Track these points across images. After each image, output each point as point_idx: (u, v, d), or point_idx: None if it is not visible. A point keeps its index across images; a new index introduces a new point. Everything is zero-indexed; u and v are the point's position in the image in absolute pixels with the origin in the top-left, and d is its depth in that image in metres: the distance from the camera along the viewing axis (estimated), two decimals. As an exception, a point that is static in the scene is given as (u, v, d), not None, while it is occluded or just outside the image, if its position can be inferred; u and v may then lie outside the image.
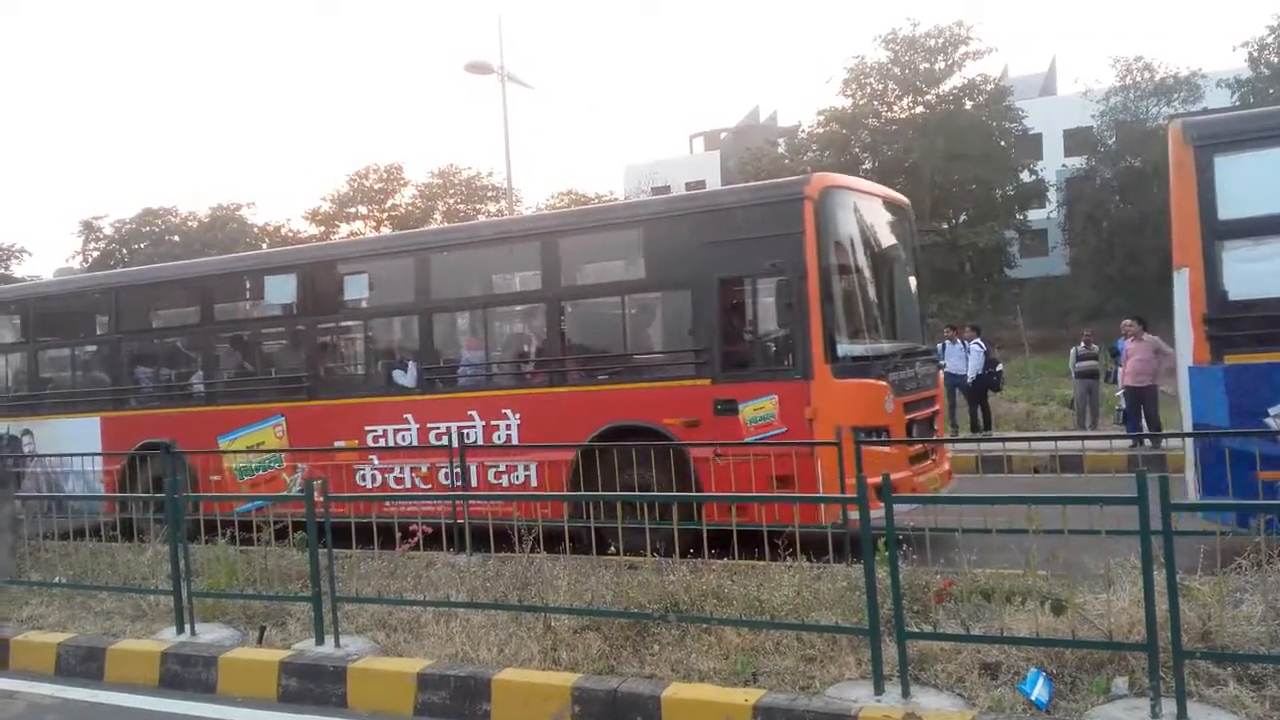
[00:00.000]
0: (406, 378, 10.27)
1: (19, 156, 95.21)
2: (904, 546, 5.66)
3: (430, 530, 7.98)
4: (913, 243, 10.28)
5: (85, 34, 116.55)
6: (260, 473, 10.64)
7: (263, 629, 6.47)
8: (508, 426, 9.51)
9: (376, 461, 10.03)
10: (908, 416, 8.80)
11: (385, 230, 43.36)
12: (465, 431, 9.36)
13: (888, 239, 9.71)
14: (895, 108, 36.04)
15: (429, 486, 9.60)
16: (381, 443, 10.06)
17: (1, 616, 7.41)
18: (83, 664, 6.53)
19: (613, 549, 7.03)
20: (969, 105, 34.89)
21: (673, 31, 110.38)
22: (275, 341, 11.95)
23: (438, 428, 9.73)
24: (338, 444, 10.19)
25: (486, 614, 6.17)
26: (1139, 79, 33.72)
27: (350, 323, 11.32)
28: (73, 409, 12.15)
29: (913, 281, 10.16)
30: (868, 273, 9.10)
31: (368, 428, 10.11)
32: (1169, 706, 4.22)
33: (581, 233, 10.05)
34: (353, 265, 10.91)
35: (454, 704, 5.36)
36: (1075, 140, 39.13)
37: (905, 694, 4.62)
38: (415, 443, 9.82)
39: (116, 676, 6.35)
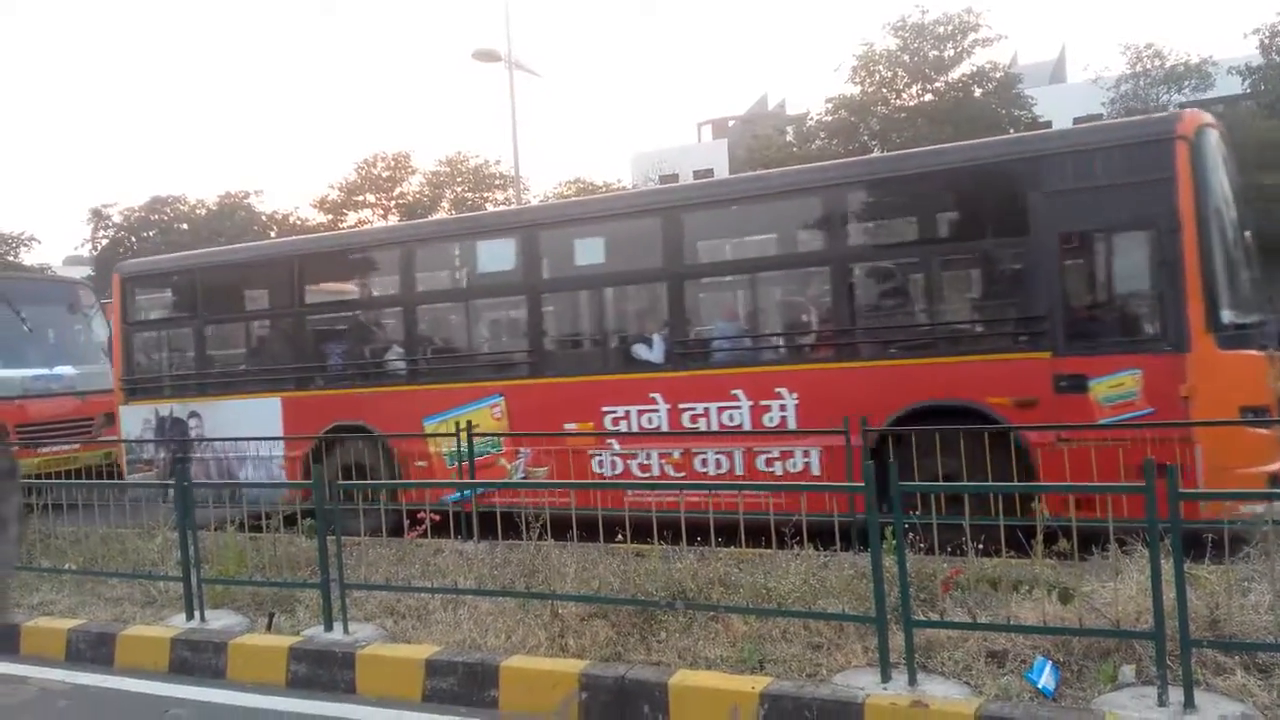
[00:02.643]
0: (652, 352, 9.26)
1: (28, 144, 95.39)
2: (911, 535, 5.67)
3: (438, 517, 8.00)
4: (1246, 194, 8.99)
5: (93, 22, 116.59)
6: (477, 458, 9.56)
7: (271, 615, 6.50)
8: (782, 407, 8.43)
9: (617, 446, 9.07)
10: None
11: (393, 219, 43.40)
12: (729, 413, 8.61)
13: (1242, 187, 8.48)
14: (904, 95, 35.85)
15: (682, 474, 8.72)
16: (622, 425, 9.07)
17: (12, 603, 7.45)
18: (93, 649, 6.57)
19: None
20: (978, 93, 34.67)
21: (681, 19, 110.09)
22: (492, 313, 10.94)
23: (693, 408, 8.78)
24: (568, 427, 9.22)
25: (494, 601, 6.20)
26: (1149, 66, 33.45)
27: (583, 291, 10.17)
28: (248, 389, 11.12)
29: (1249, 236, 8.84)
30: (1239, 226, 7.83)
31: (605, 409, 9.10)
32: (1176, 695, 4.22)
33: (878, 183, 8.82)
34: (586, 227, 9.85)
35: (462, 690, 5.38)
36: (1085, 128, 38.88)
37: (912, 682, 4.63)
38: (665, 425, 8.87)
39: (127, 662, 6.39)
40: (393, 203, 46.02)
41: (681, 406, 8.83)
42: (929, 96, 35.13)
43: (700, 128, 59.29)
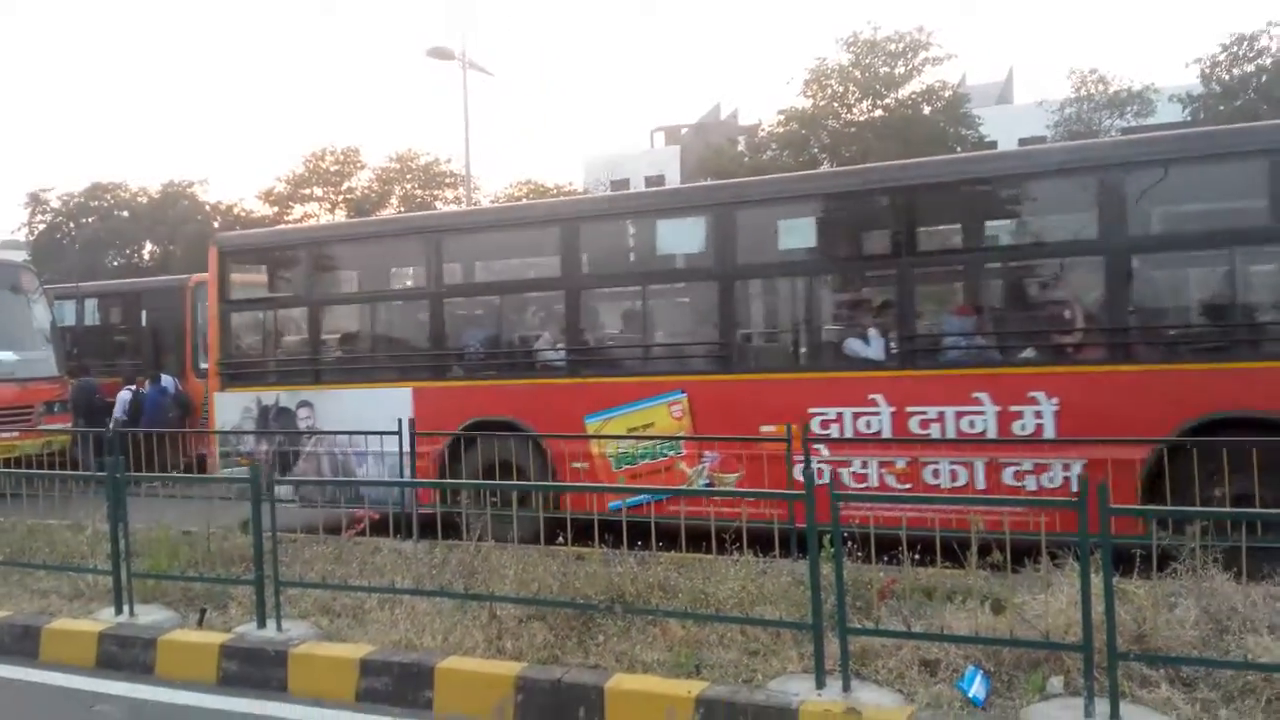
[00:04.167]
0: (870, 348, 8.36)
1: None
2: (849, 544, 5.72)
3: (378, 516, 7.93)
4: None
5: (34, 6, 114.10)
6: (646, 461, 8.80)
7: (203, 611, 6.39)
8: (1038, 414, 7.52)
9: (826, 453, 8.12)
10: None
11: (340, 214, 42.94)
12: (970, 419, 7.70)
13: None
14: (855, 110, 36.25)
15: (908, 486, 7.85)
16: (833, 429, 8.10)
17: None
18: (18, 642, 6.42)
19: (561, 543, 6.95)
20: (927, 111, 35.16)
21: (636, 25, 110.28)
22: (674, 300, 9.95)
23: (924, 413, 7.86)
24: (765, 430, 8.17)
25: (431, 601, 6.15)
26: (1093, 91, 34.19)
27: (787, 278, 9.19)
28: (372, 377, 10.13)
29: None
30: None
31: (813, 410, 8.13)
32: (1102, 706, 4.30)
33: (1166, 163, 7.63)
34: (791, 206, 8.84)
35: (396, 691, 5.33)
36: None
37: (846, 688, 4.67)
38: (887, 430, 7.93)
39: (52, 656, 6.25)
40: (340, 197, 45.56)
41: (911, 410, 7.91)
42: (879, 112, 35.53)
43: (653, 134, 59.50)
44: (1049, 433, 7.52)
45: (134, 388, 15.19)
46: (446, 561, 6.84)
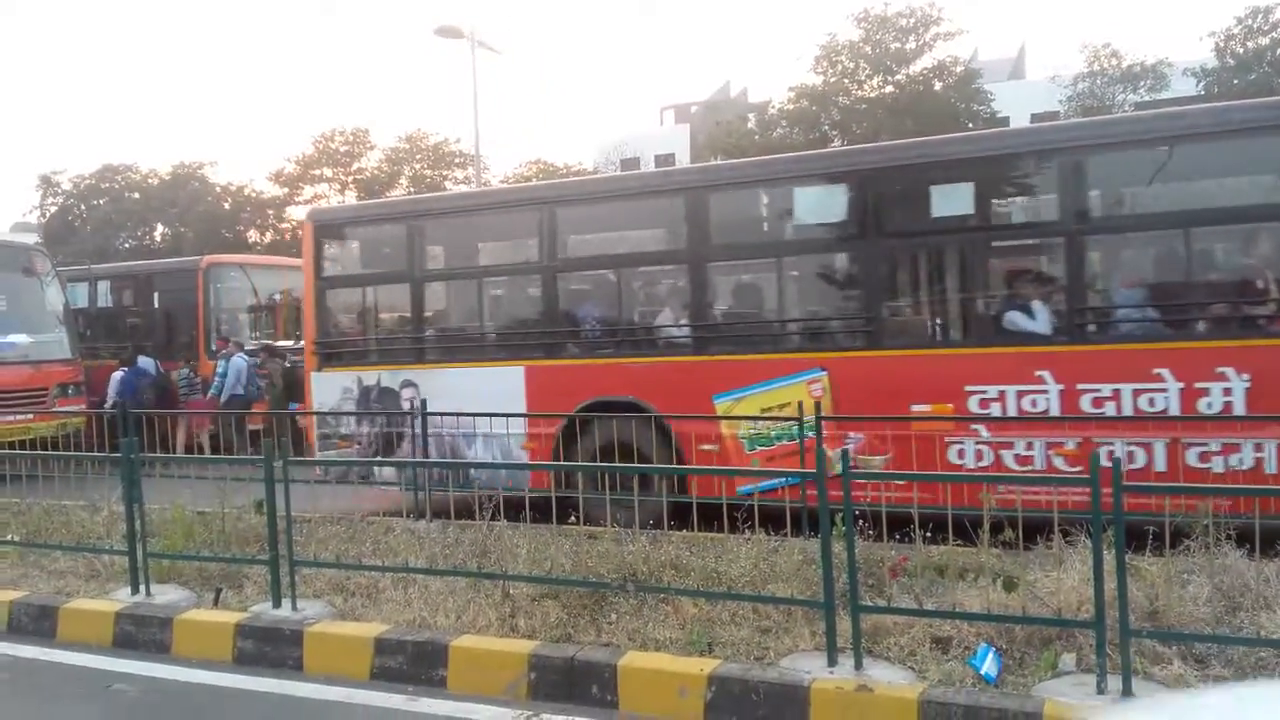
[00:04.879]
0: (1035, 322, 7.77)
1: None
2: (861, 522, 5.72)
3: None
4: None
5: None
6: (782, 443, 8.22)
7: (219, 591, 6.43)
8: (1226, 391, 6.96)
9: (985, 434, 7.64)
10: None
11: (349, 195, 42.93)
12: (1149, 397, 7.18)
13: None
14: (865, 86, 36.07)
15: (1078, 469, 7.21)
16: (993, 407, 7.60)
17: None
18: (35, 622, 6.48)
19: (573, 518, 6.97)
20: (938, 87, 34.97)
21: (645, 2, 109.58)
22: (810, 272, 9.25)
23: (1097, 391, 7.36)
24: (916, 409, 7.74)
25: (445, 581, 6.17)
26: (1106, 66, 33.94)
27: (941, 248, 8.53)
28: (481, 356, 9.75)
29: None
30: None
31: (971, 388, 7.68)
32: (1115, 683, 4.31)
33: None
34: (949, 170, 8.21)
35: (410, 669, 5.37)
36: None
37: (858, 666, 4.68)
38: (1055, 409, 7.42)
39: (69, 636, 6.31)
40: (350, 178, 45.57)
41: (1082, 388, 7.41)
42: (890, 88, 35.33)
43: (663, 112, 59.27)
44: (1239, 411, 6.99)
45: (127, 368, 15.17)
46: (459, 541, 6.88)
